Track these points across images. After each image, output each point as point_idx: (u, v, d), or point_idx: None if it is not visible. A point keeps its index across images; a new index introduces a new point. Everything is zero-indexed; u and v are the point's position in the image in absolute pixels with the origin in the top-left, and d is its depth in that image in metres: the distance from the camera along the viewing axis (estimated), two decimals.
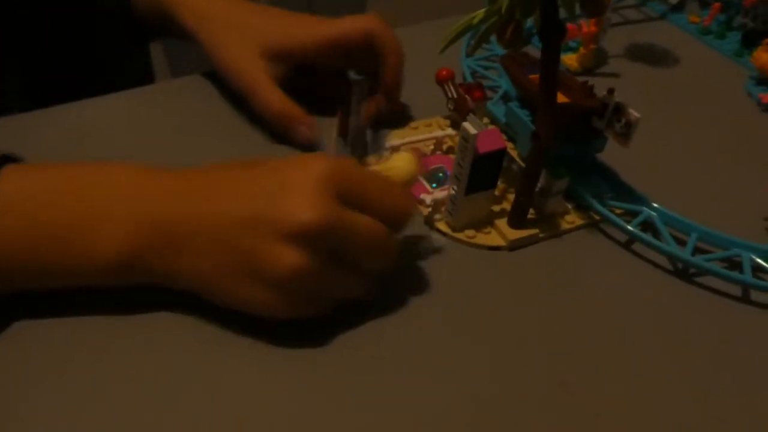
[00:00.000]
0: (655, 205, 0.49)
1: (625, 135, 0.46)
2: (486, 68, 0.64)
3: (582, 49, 0.66)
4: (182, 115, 0.57)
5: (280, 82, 0.53)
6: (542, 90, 0.42)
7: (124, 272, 0.38)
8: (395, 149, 0.50)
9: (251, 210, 0.36)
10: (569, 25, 0.67)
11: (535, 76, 0.52)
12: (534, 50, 0.50)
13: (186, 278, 0.38)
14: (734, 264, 0.47)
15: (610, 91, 0.47)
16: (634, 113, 0.45)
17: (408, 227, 0.41)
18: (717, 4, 0.76)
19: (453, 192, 0.45)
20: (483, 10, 0.40)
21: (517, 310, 0.43)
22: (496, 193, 0.48)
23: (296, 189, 0.36)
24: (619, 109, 0.46)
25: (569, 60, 0.67)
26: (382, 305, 0.42)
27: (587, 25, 0.65)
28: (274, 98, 0.52)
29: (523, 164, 0.51)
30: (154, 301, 0.40)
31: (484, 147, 0.43)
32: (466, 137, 0.42)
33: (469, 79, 0.61)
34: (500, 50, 0.66)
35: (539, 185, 0.47)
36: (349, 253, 0.38)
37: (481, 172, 0.44)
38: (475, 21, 0.40)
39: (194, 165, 0.40)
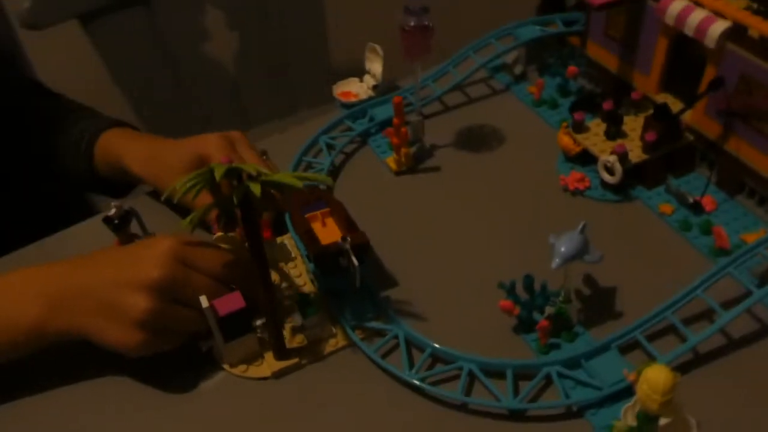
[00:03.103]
0: (403, 324, 0.58)
1: (354, 277, 0.55)
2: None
3: (395, 155, 0.74)
4: None
5: None
6: (254, 262, 0.52)
7: (39, 336, 0.54)
8: None
9: (116, 274, 0.53)
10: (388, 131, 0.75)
11: (312, 214, 0.62)
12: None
13: (79, 329, 0.54)
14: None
15: (344, 239, 0.56)
16: (354, 260, 0.55)
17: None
18: (540, 81, 0.82)
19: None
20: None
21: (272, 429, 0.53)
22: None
23: (148, 256, 0.53)
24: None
25: (389, 161, 0.76)
26: None
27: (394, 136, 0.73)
28: None
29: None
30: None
31: (224, 309, 0.53)
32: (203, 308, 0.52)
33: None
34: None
35: (298, 323, 0.57)
36: (188, 300, 0.53)
37: (232, 325, 0.54)
38: (187, 223, 0.50)
39: None
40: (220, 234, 0.60)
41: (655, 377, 0.45)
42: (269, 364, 0.57)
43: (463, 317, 0.60)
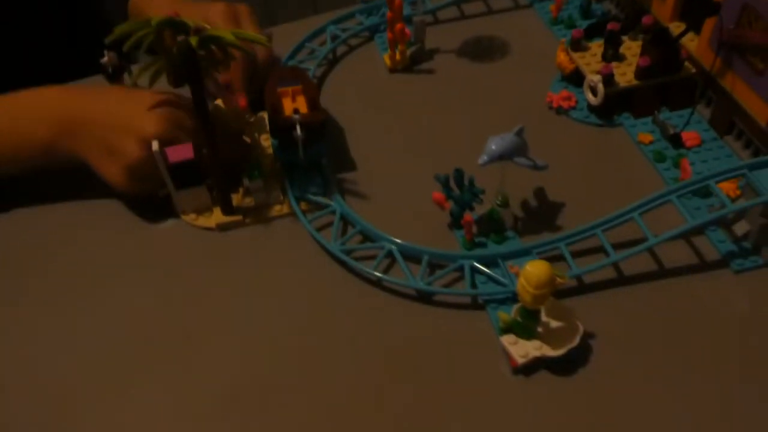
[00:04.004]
0: (343, 202, 0.61)
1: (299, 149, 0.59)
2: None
3: (390, 52, 0.75)
4: None
5: None
6: (196, 118, 0.55)
7: (47, 154, 0.60)
8: None
9: (119, 116, 0.59)
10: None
11: (284, 89, 0.65)
12: None
13: (82, 155, 0.60)
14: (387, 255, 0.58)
15: (296, 111, 0.59)
16: (297, 133, 0.58)
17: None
18: None
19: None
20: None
21: (204, 273, 0.59)
22: None
23: (147, 114, 0.58)
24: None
25: (386, 58, 0.77)
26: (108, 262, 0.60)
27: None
28: None
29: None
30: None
31: (174, 157, 0.58)
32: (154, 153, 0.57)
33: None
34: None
35: (246, 183, 0.61)
36: None
37: (182, 174, 0.59)
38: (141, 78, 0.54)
39: None
40: None
41: (532, 270, 0.46)
42: (216, 217, 0.62)
43: (407, 207, 0.62)
